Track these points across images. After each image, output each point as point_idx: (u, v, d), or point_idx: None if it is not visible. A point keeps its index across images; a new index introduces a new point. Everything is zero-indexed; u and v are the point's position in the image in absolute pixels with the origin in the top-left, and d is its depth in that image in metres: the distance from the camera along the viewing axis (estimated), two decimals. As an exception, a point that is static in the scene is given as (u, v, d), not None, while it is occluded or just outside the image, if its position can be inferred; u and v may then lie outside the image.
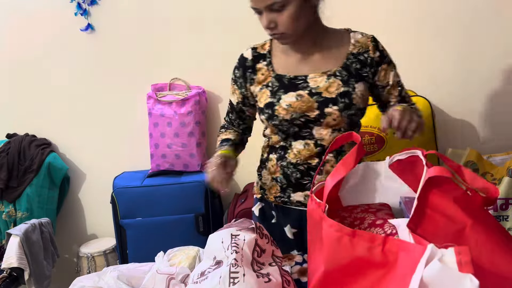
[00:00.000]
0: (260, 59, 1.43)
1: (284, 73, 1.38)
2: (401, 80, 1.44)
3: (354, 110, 1.34)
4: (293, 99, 1.34)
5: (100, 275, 1.14)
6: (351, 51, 1.38)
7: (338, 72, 1.35)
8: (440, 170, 0.85)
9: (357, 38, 1.40)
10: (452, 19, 2.38)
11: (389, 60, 1.42)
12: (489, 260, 0.76)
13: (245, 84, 1.44)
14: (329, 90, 1.33)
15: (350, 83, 1.34)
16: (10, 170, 2.61)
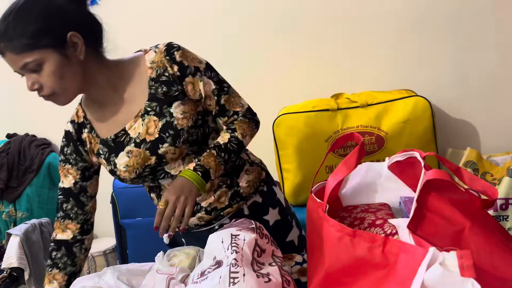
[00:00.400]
0: (81, 129, 1.35)
1: (105, 135, 1.29)
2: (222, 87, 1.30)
3: (186, 134, 1.25)
4: (126, 159, 1.25)
5: (100, 275, 1.14)
6: (150, 76, 1.26)
7: (147, 107, 1.25)
8: (438, 173, 0.86)
9: (151, 58, 1.27)
10: (452, 19, 2.37)
11: (193, 69, 1.26)
12: (488, 262, 0.76)
13: (81, 157, 1.34)
14: (149, 132, 1.24)
15: (164, 112, 1.24)
16: (10, 170, 2.62)
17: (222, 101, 1.30)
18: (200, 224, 1.39)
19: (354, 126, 2.22)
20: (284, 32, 2.50)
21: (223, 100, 1.30)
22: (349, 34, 2.46)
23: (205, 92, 1.27)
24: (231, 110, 1.32)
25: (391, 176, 1.19)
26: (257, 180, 1.42)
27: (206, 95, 1.28)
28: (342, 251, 0.84)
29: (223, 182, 1.36)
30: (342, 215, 1.10)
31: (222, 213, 1.37)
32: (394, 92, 2.33)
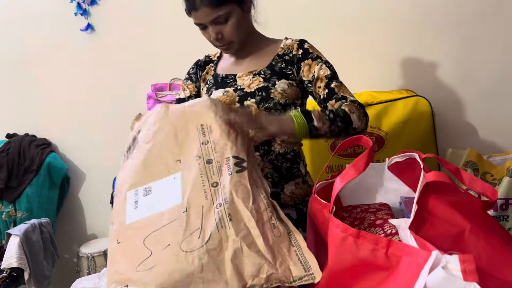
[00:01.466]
0: (209, 63, 1.60)
1: (220, 72, 1.53)
2: (336, 77, 1.42)
3: (272, 104, 1.40)
4: (220, 94, 1.45)
5: (100, 276, 1.14)
6: (278, 53, 1.49)
7: (263, 71, 1.45)
8: (438, 175, 0.86)
9: (286, 43, 1.51)
10: (452, 19, 2.37)
11: (315, 56, 1.45)
12: (488, 264, 0.76)
13: (197, 79, 1.58)
14: (251, 86, 1.43)
15: (271, 80, 1.42)
16: (10, 170, 2.61)
17: (332, 85, 1.39)
18: None
19: (354, 126, 2.22)
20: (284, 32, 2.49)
21: (334, 85, 1.40)
22: (349, 34, 2.46)
23: (319, 74, 1.41)
24: (340, 94, 1.38)
25: (390, 176, 1.18)
26: (301, 198, 1.49)
27: (319, 77, 1.41)
28: (345, 252, 0.84)
29: (271, 177, 1.44)
30: (342, 215, 1.10)
31: None
32: (394, 92, 2.33)
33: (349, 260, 0.84)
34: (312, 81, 1.42)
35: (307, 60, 1.44)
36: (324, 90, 1.39)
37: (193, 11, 1.36)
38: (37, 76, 2.75)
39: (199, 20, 1.36)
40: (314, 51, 1.48)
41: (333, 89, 1.39)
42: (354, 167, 0.98)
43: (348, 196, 1.22)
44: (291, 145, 1.48)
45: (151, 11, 2.59)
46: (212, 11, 1.33)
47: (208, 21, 1.35)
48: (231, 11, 1.35)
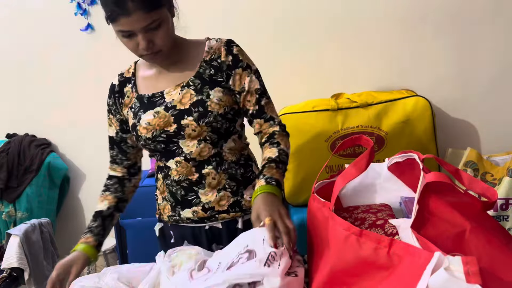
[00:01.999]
0: (126, 83, 1.44)
1: (144, 92, 1.38)
2: (265, 92, 1.37)
3: (212, 117, 1.30)
4: (151, 117, 1.33)
5: (100, 276, 1.14)
6: (204, 58, 1.36)
7: (191, 81, 1.33)
8: (437, 176, 0.86)
9: (211, 45, 1.38)
10: (452, 19, 2.37)
11: (245, 65, 1.36)
12: (489, 264, 0.76)
13: (118, 110, 1.43)
14: (183, 101, 1.31)
15: (203, 91, 1.31)
16: (10, 170, 2.61)
17: (262, 102, 1.36)
18: (192, 219, 1.40)
19: (354, 126, 2.22)
20: (284, 32, 2.50)
21: (263, 102, 1.36)
22: (349, 34, 2.46)
23: (249, 87, 1.35)
24: (269, 114, 1.37)
25: (390, 176, 1.19)
26: None
27: (249, 90, 1.35)
28: (348, 250, 0.84)
29: (229, 187, 1.38)
30: (343, 215, 1.10)
31: (217, 216, 1.38)
32: (394, 92, 2.33)
33: (351, 258, 0.84)
34: (242, 92, 1.35)
35: (237, 69, 1.34)
36: (255, 106, 1.35)
37: (122, 16, 1.19)
38: (37, 76, 2.75)
39: (129, 27, 1.21)
40: (244, 58, 1.37)
41: (263, 107, 1.36)
42: (355, 166, 0.98)
43: (348, 196, 1.22)
44: (240, 150, 1.41)
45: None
46: (147, 16, 1.19)
47: (140, 28, 1.21)
48: (163, 16, 1.24)
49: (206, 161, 1.35)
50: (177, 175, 1.37)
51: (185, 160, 1.34)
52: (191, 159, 1.34)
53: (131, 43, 1.26)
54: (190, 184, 1.36)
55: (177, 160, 1.35)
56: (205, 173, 1.35)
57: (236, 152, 1.40)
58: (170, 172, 1.39)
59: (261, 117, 1.37)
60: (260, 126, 1.38)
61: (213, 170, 1.35)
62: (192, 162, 1.34)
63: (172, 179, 1.38)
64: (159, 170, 1.45)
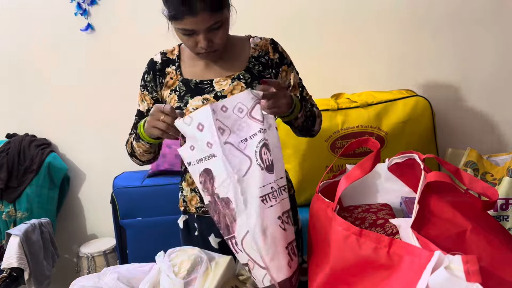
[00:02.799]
0: (169, 63, 1.44)
1: (190, 78, 1.40)
2: (302, 82, 1.50)
3: None
4: (199, 103, 1.35)
5: (100, 276, 1.14)
6: (252, 54, 1.42)
7: (242, 75, 1.38)
8: (438, 175, 0.86)
9: (256, 42, 1.45)
10: (452, 19, 2.38)
11: (289, 61, 1.47)
12: (490, 264, 0.76)
13: (155, 88, 1.44)
14: (233, 92, 1.35)
15: (253, 85, 1.37)
16: (10, 170, 2.61)
17: (304, 93, 1.49)
18: None
19: (354, 126, 2.22)
20: (284, 32, 2.50)
21: (305, 93, 1.50)
22: (349, 34, 2.46)
23: (294, 82, 1.47)
24: (310, 102, 1.50)
25: (390, 176, 1.18)
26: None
27: (294, 85, 1.47)
28: (347, 250, 0.85)
29: None
30: (343, 215, 1.10)
31: None
32: (394, 92, 2.33)
33: (351, 258, 0.84)
34: (288, 87, 1.45)
35: (283, 65, 1.45)
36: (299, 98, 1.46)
37: (188, 16, 1.23)
38: (37, 76, 2.75)
39: (194, 26, 1.25)
40: (287, 55, 1.48)
41: (305, 98, 1.48)
42: (360, 167, 0.98)
43: (348, 196, 1.22)
44: None
45: (151, 11, 2.59)
46: (212, 17, 1.23)
47: (204, 28, 1.25)
48: (224, 17, 1.28)
49: None
50: None
51: None
52: None
53: (191, 41, 1.29)
54: None
55: None
56: None
57: None
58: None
59: None
60: None
61: None
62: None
63: None
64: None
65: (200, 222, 1.48)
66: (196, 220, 1.48)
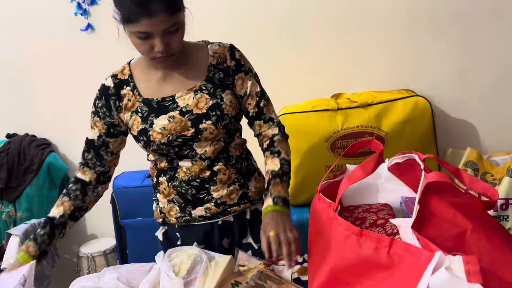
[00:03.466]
0: (122, 85, 1.38)
1: (150, 96, 1.35)
2: (264, 93, 1.42)
3: (228, 120, 1.35)
4: (166, 122, 1.31)
5: (99, 276, 1.14)
6: (211, 62, 1.37)
7: (203, 86, 1.34)
8: (439, 175, 0.86)
9: (215, 49, 1.39)
10: (452, 19, 2.37)
11: (247, 69, 1.40)
12: (490, 264, 0.76)
13: (109, 113, 1.39)
14: (199, 106, 1.32)
15: (217, 94, 1.34)
16: (10, 170, 2.61)
17: (261, 104, 1.40)
18: (205, 216, 1.42)
19: (354, 126, 2.22)
20: (284, 33, 2.50)
21: (262, 104, 1.41)
22: (349, 34, 2.46)
23: (250, 91, 1.39)
24: (268, 115, 1.42)
25: (390, 176, 1.19)
26: (263, 189, 1.47)
27: (250, 94, 1.39)
28: (348, 250, 0.85)
29: (238, 180, 1.43)
30: (344, 215, 1.10)
31: (229, 209, 1.42)
32: (394, 92, 2.33)
33: (351, 258, 0.84)
34: (243, 96, 1.40)
35: (240, 73, 1.39)
36: (254, 108, 1.40)
37: (144, 18, 1.17)
38: (37, 76, 2.75)
39: (149, 29, 1.19)
40: (245, 62, 1.41)
41: (262, 109, 1.41)
42: (362, 168, 0.98)
43: (348, 196, 1.22)
44: (242, 145, 1.47)
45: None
46: (168, 19, 1.19)
47: (161, 30, 1.19)
48: (181, 20, 1.24)
49: (216, 158, 1.38)
50: (186, 175, 1.38)
51: (201, 159, 1.37)
52: (206, 157, 1.37)
53: (145, 45, 1.23)
54: (201, 182, 1.38)
55: (193, 160, 1.37)
56: (216, 170, 1.38)
57: (239, 147, 1.45)
58: (177, 174, 1.39)
59: (260, 118, 1.42)
60: (260, 127, 1.43)
61: (223, 166, 1.39)
62: (207, 160, 1.37)
63: (181, 180, 1.40)
64: (161, 173, 1.44)
65: (182, 231, 1.47)
66: (177, 230, 1.47)
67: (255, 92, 1.40)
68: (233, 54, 1.40)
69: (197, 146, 1.35)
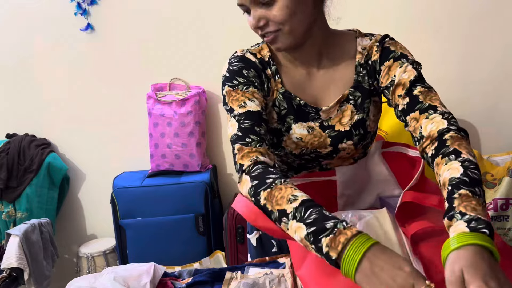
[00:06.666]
0: (265, 65, 1.12)
1: (293, 92, 1.11)
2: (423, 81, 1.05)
3: (369, 139, 1.16)
4: (305, 132, 1.10)
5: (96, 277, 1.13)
6: (359, 61, 1.11)
7: (351, 94, 1.10)
8: (412, 195, 0.88)
9: (365, 44, 1.12)
10: (452, 19, 2.37)
11: (398, 55, 1.07)
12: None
13: (262, 87, 1.10)
14: (342, 121, 1.10)
15: (364, 106, 1.10)
16: (9, 170, 2.61)
17: (416, 91, 1.01)
18: None
19: (354, 126, 2.22)
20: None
21: (418, 90, 1.02)
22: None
23: (401, 79, 1.03)
24: (427, 102, 1.00)
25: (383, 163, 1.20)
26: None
27: (400, 82, 1.03)
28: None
29: None
30: None
31: None
32: (394, 92, 2.32)
33: None
34: (390, 87, 1.05)
35: (387, 61, 1.07)
36: (404, 99, 1.02)
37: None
38: (37, 76, 2.75)
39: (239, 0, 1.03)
40: (397, 48, 1.09)
41: (417, 97, 1.01)
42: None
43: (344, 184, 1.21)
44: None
45: (151, 11, 2.59)
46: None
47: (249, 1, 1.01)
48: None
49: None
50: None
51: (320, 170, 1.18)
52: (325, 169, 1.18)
53: (248, 21, 1.05)
54: None
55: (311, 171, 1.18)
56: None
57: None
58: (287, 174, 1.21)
59: (414, 109, 1.01)
60: (417, 121, 1.00)
61: None
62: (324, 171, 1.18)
63: None
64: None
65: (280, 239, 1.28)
66: (274, 238, 1.28)
67: (409, 79, 1.03)
68: (382, 42, 1.10)
69: (326, 163, 1.17)
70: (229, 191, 2.71)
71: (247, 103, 1.05)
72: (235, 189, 2.67)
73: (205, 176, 2.46)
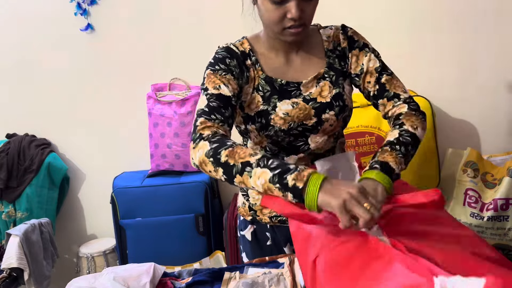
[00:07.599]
0: (246, 56, 1.25)
1: (274, 76, 1.23)
2: (386, 68, 1.25)
3: (347, 112, 1.26)
4: (289, 107, 1.20)
5: (96, 277, 1.13)
6: (327, 47, 1.27)
7: (326, 73, 1.24)
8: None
9: (328, 33, 1.28)
10: (452, 19, 2.37)
11: (361, 44, 1.26)
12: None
13: (241, 77, 1.21)
14: (322, 94, 1.22)
15: (339, 83, 1.24)
16: (9, 170, 2.61)
17: (383, 79, 1.23)
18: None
19: (354, 126, 2.22)
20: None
21: (384, 79, 1.23)
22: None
23: (368, 67, 1.24)
24: (392, 91, 1.23)
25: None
26: None
27: (368, 71, 1.24)
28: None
29: None
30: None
31: None
32: (394, 92, 2.32)
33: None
34: (360, 74, 1.25)
35: (354, 50, 1.25)
36: (374, 86, 1.24)
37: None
38: (37, 76, 2.75)
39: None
40: (359, 37, 1.27)
41: (384, 85, 1.23)
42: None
43: None
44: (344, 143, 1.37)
45: (151, 11, 2.59)
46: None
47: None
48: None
49: (321, 155, 1.28)
50: None
51: (308, 155, 1.26)
52: (312, 153, 1.26)
53: (278, 11, 1.11)
54: None
55: (299, 157, 1.26)
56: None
57: (342, 146, 1.36)
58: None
59: (383, 96, 1.24)
60: (384, 107, 1.25)
61: None
62: (312, 156, 1.27)
63: None
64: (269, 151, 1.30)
65: (274, 231, 1.36)
66: (268, 230, 1.36)
67: (374, 68, 1.24)
68: (346, 31, 1.27)
69: (312, 138, 1.24)
70: (229, 191, 2.71)
71: (221, 87, 1.17)
72: (235, 189, 2.67)
73: (205, 176, 2.46)
